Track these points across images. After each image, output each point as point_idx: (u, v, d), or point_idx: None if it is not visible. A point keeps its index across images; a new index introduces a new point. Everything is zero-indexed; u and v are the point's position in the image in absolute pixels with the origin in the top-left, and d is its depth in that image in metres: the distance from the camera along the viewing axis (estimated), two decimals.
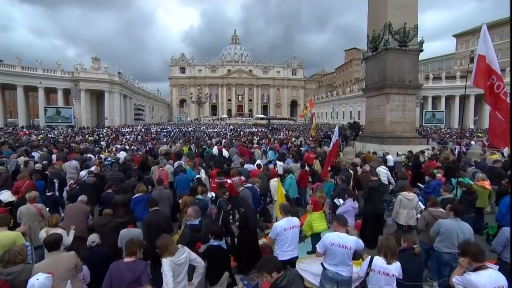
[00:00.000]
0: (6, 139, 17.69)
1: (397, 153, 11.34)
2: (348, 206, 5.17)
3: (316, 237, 5.09)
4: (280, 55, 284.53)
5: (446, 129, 39.35)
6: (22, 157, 9.38)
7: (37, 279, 2.19)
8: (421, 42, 13.11)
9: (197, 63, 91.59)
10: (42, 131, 29.69)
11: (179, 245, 3.17)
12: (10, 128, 32.05)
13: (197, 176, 7.66)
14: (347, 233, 3.55)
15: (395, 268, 3.08)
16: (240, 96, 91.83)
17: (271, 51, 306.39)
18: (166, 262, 2.93)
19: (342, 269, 3.43)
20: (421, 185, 7.22)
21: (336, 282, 3.46)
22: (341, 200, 5.21)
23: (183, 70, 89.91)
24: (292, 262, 4.04)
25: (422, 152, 11.17)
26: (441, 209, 4.52)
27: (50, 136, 24.20)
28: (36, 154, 10.83)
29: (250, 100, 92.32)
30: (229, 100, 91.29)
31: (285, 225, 3.95)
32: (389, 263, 3.08)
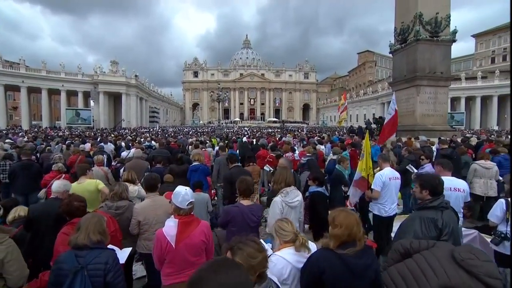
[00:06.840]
0: (37, 135, 18.38)
1: (439, 138, 10.96)
2: (427, 171, 4.50)
3: None
4: (296, 58, 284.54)
5: (467, 130, 38.05)
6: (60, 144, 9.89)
7: (186, 189, 2.15)
8: (454, 32, 12.76)
9: (210, 67, 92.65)
10: (65, 131, 30.73)
11: (292, 186, 2.92)
12: (36, 129, 33.24)
13: None
14: None
15: None
16: (252, 100, 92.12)
17: (287, 54, 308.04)
18: (277, 201, 2.72)
19: None
20: None
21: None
22: (414, 169, 4.88)
23: (196, 74, 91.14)
24: (391, 220, 3.68)
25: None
26: None
27: (74, 133, 24.96)
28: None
29: (262, 104, 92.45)
30: (241, 103, 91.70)
31: (389, 174, 3.71)
32: None
